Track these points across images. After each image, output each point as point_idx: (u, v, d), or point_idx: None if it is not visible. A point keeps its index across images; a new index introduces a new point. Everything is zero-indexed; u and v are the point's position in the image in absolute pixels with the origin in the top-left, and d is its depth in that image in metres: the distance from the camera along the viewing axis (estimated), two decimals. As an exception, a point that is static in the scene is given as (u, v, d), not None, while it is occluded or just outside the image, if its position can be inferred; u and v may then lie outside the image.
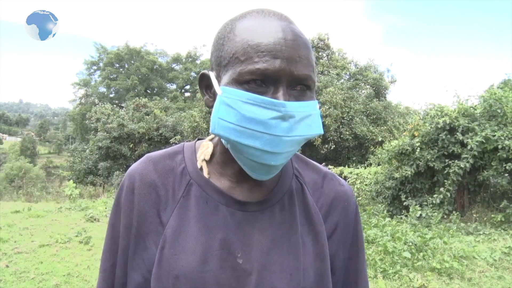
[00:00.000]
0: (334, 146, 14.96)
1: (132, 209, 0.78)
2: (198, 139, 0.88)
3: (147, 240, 0.76)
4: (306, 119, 0.69)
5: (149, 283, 0.74)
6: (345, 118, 15.30)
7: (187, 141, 0.89)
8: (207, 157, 0.80)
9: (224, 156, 0.79)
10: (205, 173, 0.79)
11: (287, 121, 0.66)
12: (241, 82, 0.67)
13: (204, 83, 0.78)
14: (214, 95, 0.74)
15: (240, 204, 0.77)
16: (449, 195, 8.03)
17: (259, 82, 0.67)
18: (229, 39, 0.71)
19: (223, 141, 0.75)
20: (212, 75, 0.74)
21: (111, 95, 37.72)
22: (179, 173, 0.80)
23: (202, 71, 0.77)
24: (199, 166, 0.80)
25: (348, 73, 20.20)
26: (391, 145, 9.40)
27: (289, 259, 0.76)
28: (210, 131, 0.71)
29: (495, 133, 7.55)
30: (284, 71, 0.66)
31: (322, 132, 0.72)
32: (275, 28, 0.69)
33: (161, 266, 0.73)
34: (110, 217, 0.84)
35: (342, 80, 19.40)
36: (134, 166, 0.83)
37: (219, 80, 0.72)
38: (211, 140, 0.84)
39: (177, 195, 0.78)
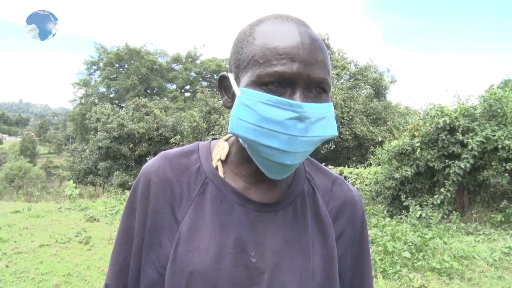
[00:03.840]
0: (334, 146, 14.95)
1: (147, 206, 0.80)
2: (213, 139, 0.89)
3: (162, 237, 0.78)
4: (322, 120, 0.71)
5: (164, 279, 0.76)
6: (345, 118, 15.30)
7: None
8: (223, 157, 0.82)
9: (240, 156, 0.81)
10: (221, 172, 0.81)
11: (304, 122, 0.68)
12: (259, 84, 0.70)
13: (223, 85, 0.80)
14: (232, 96, 0.76)
15: (255, 205, 0.79)
16: (449, 195, 8.03)
17: (277, 84, 0.69)
18: (248, 42, 0.74)
19: (240, 140, 0.76)
20: (231, 76, 0.76)
21: (111, 95, 37.71)
22: (194, 171, 0.82)
23: (222, 73, 0.80)
24: (214, 166, 0.82)
25: (348, 73, 20.22)
26: (391, 145, 9.40)
27: (299, 260, 0.78)
28: (228, 131, 0.72)
29: (495, 133, 7.55)
30: (301, 74, 0.69)
31: (336, 133, 0.74)
32: (293, 32, 0.71)
33: (175, 262, 0.74)
34: (124, 212, 0.85)
35: (342, 80, 19.42)
36: (150, 163, 0.84)
37: (237, 82, 0.75)
38: (226, 140, 0.86)
39: (193, 193, 0.80)
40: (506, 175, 7.73)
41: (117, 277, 0.84)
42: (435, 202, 8.05)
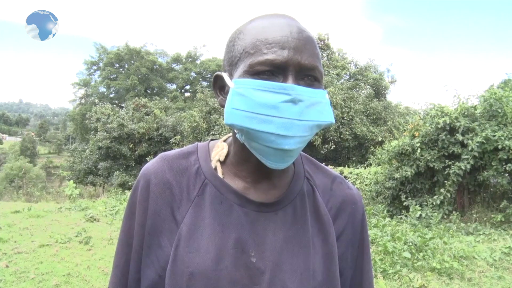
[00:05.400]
0: (334, 146, 14.93)
1: (146, 207, 0.80)
2: (211, 140, 0.90)
3: (161, 238, 0.78)
4: (317, 105, 0.71)
5: (164, 280, 0.76)
6: (345, 118, 15.29)
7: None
8: (222, 158, 0.82)
9: (239, 157, 0.81)
10: (220, 173, 0.81)
11: (297, 105, 0.69)
12: (252, 73, 0.71)
13: (218, 85, 0.81)
14: (227, 95, 0.76)
15: (254, 205, 0.79)
16: (449, 195, 8.03)
17: (269, 73, 0.70)
18: (239, 39, 0.76)
19: (237, 136, 0.77)
20: (225, 75, 0.78)
21: (111, 95, 37.69)
22: (193, 172, 0.82)
23: (216, 73, 0.81)
24: (213, 167, 0.82)
25: (348, 73, 20.20)
26: (391, 145, 9.40)
27: (299, 259, 0.78)
28: (224, 122, 0.73)
29: (495, 133, 7.56)
30: (292, 60, 0.70)
31: (333, 120, 0.75)
32: (281, 24, 0.73)
33: (175, 263, 0.74)
34: (124, 215, 0.85)
35: (342, 80, 19.40)
36: (149, 165, 0.84)
37: (231, 78, 0.76)
38: (224, 141, 0.86)
39: (192, 194, 0.80)
40: (506, 175, 7.73)
41: (119, 280, 0.84)
42: (435, 202, 8.05)
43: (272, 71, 0.70)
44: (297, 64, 0.70)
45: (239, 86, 0.71)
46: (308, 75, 0.72)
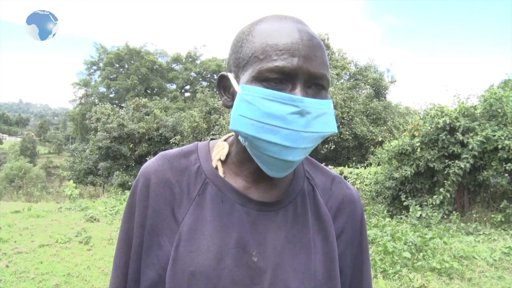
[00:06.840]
0: (334, 146, 14.94)
1: (146, 207, 0.79)
2: (211, 139, 0.89)
3: (161, 238, 0.78)
4: (322, 116, 0.71)
5: (164, 280, 0.76)
6: (345, 118, 15.29)
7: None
8: (223, 157, 0.82)
9: (240, 156, 0.81)
10: (220, 172, 0.81)
11: (305, 117, 0.68)
12: (260, 79, 0.70)
13: (223, 84, 0.80)
14: (232, 95, 0.77)
15: (256, 204, 0.79)
16: (449, 195, 8.04)
17: (277, 80, 0.70)
18: (247, 40, 0.74)
19: (241, 139, 0.76)
20: (231, 76, 0.77)
21: (111, 95, 37.69)
22: (194, 172, 0.81)
23: (221, 73, 0.79)
24: (214, 166, 0.82)
25: (348, 73, 20.22)
26: (391, 145, 9.41)
27: (301, 258, 0.78)
28: (230, 128, 0.72)
29: (495, 133, 7.56)
30: (301, 69, 0.69)
31: (336, 130, 0.74)
32: (292, 29, 0.72)
33: (176, 263, 0.74)
34: (124, 215, 0.85)
35: (342, 80, 19.41)
36: (149, 164, 0.83)
37: (237, 80, 0.75)
38: (225, 140, 0.86)
39: (192, 194, 0.79)
40: (506, 175, 7.73)
41: (120, 281, 0.84)
42: (435, 202, 8.05)
43: (281, 78, 0.69)
44: (306, 72, 0.69)
45: (247, 93, 0.70)
46: (316, 83, 0.72)
